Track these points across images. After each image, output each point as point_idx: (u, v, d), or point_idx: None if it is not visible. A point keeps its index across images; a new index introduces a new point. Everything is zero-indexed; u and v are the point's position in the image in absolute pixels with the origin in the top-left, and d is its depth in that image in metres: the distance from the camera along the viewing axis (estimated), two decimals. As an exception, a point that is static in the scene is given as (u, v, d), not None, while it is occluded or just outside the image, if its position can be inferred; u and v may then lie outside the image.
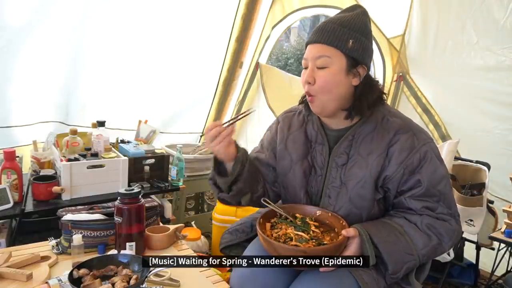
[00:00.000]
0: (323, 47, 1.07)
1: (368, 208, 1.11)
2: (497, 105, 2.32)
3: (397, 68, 2.93)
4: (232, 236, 1.32)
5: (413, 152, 1.07)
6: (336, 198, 1.13)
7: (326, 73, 1.07)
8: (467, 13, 2.36)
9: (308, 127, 1.23)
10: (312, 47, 1.10)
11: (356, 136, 1.13)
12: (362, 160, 1.10)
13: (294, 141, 1.23)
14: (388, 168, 1.08)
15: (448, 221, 1.09)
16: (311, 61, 1.09)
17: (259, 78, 3.27)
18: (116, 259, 1.02)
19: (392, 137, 1.09)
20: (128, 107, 2.72)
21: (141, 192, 1.23)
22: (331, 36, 1.06)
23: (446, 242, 1.08)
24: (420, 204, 1.08)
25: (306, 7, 3.03)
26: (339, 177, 1.13)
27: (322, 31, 1.08)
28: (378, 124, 1.12)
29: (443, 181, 1.09)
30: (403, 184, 1.09)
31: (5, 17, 2.02)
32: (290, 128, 1.27)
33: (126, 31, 2.46)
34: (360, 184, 1.09)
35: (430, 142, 1.11)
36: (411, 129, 1.11)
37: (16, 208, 1.68)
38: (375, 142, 1.10)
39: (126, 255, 1.03)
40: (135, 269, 1.00)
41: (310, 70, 1.09)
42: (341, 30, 1.07)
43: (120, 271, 0.99)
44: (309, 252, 0.98)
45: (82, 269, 0.97)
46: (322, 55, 1.07)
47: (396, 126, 1.11)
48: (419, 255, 1.05)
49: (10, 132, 2.29)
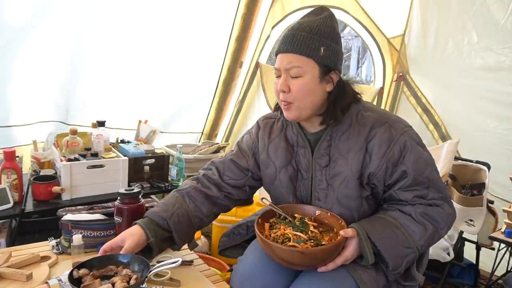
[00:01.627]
0: (294, 56, 1.05)
1: (357, 207, 1.10)
2: (498, 105, 2.32)
3: (397, 68, 2.93)
4: (229, 239, 1.32)
5: (393, 144, 1.06)
6: (325, 200, 1.13)
7: (300, 82, 1.06)
8: (468, 12, 2.36)
9: (288, 132, 1.22)
10: (283, 57, 1.08)
11: (334, 135, 1.13)
12: (342, 158, 1.10)
13: (276, 149, 1.22)
14: (370, 164, 1.08)
15: (440, 206, 1.09)
16: (284, 71, 1.07)
17: (259, 78, 3.27)
18: (116, 259, 1.02)
19: (369, 131, 1.08)
20: (128, 106, 2.72)
21: (141, 192, 1.23)
22: (302, 45, 1.04)
23: (442, 227, 1.08)
24: (411, 194, 1.08)
25: (306, 7, 3.03)
26: (324, 178, 1.13)
27: (292, 40, 1.06)
28: (353, 120, 1.11)
29: (428, 167, 1.08)
30: (389, 178, 1.08)
31: (5, 17, 2.02)
32: (270, 135, 1.25)
33: (126, 31, 2.46)
34: (344, 183, 1.09)
35: (408, 129, 1.10)
36: (387, 121, 1.09)
37: (16, 208, 1.68)
38: (352, 138, 1.10)
39: (126, 255, 1.03)
40: (135, 269, 1.00)
41: (284, 80, 1.07)
42: (311, 38, 1.05)
43: (120, 271, 0.99)
44: (306, 253, 0.98)
45: (82, 269, 0.97)
46: (294, 65, 1.05)
47: (371, 120, 1.10)
48: (417, 247, 1.05)
49: (10, 132, 2.29)
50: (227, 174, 1.27)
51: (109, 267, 1.00)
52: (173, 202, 1.19)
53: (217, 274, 1.29)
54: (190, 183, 1.27)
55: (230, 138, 3.53)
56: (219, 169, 1.28)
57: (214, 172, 1.28)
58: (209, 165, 1.32)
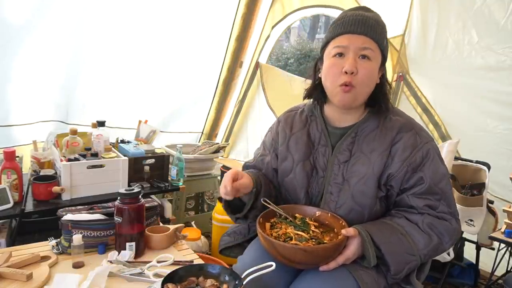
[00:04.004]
0: (367, 39, 1.06)
1: (370, 206, 1.10)
2: (498, 105, 2.32)
3: (397, 68, 2.93)
4: (230, 238, 1.32)
5: (416, 150, 1.08)
6: (338, 195, 1.13)
7: (369, 65, 1.06)
8: (468, 12, 2.36)
9: (312, 128, 1.23)
10: (354, 37, 1.06)
11: (359, 133, 1.14)
12: (364, 157, 1.11)
13: (297, 142, 1.22)
14: (391, 166, 1.09)
15: (448, 220, 1.09)
16: (353, 51, 1.06)
17: (259, 78, 3.28)
18: (204, 269, 1.01)
19: (395, 135, 1.10)
20: (128, 106, 2.72)
21: (141, 192, 1.22)
22: (373, 31, 1.07)
23: (447, 241, 1.08)
24: (422, 202, 1.08)
25: (306, 7, 3.03)
26: (341, 174, 1.13)
27: (364, 23, 1.07)
28: (381, 122, 1.13)
29: (444, 179, 1.10)
30: (406, 182, 1.09)
31: (5, 16, 2.02)
32: (292, 128, 1.26)
33: (126, 30, 2.46)
34: (363, 181, 1.09)
35: (432, 141, 1.12)
36: (414, 127, 1.12)
37: (16, 208, 1.68)
38: (378, 140, 1.11)
39: (215, 266, 1.02)
40: (223, 280, 0.99)
41: (353, 60, 1.05)
42: (379, 27, 1.08)
43: (202, 282, 0.97)
44: (308, 250, 0.98)
45: (170, 284, 0.94)
46: (368, 47, 1.06)
47: (399, 124, 1.12)
48: (420, 255, 1.05)
49: (10, 131, 2.29)
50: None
51: (190, 279, 0.99)
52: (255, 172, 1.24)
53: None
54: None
55: (230, 138, 3.53)
56: (256, 168, 1.34)
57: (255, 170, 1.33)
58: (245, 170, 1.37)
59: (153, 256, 1.18)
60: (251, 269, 0.99)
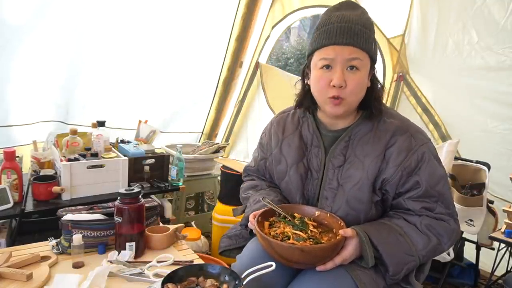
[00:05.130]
0: (354, 49, 1.02)
1: (365, 211, 1.10)
2: (498, 105, 2.32)
3: (397, 68, 2.93)
4: (231, 241, 1.31)
5: (411, 154, 1.06)
6: (333, 200, 1.12)
7: (357, 76, 1.04)
8: (468, 12, 2.36)
9: (304, 129, 1.22)
10: (340, 49, 1.03)
11: (353, 137, 1.13)
12: (359, 162, 1.10)
13: (289, 145, 1.22)
14: (386, 170, 1.08)
15: (447, 221, 1.09)
16: (341, 63, 1.03)
17: (259, 78, 3.27)
18: (204, 269, 1.01)
19: (389, 139, 1.09)
20: (128, 106, 2.72)
21: (141, 192, 1.23)
22: (360, 38, 1.03)
23: (445, 242, 1.08)
24: (419, 205, 1.08)
25: (306, 7, 3.03)
26: (336, 178, 1.12)
27: (350, 32, 1.02)
28: (375, 125, 1.12)
29: (441, 181, 1.09)
30: (401, 186, 1.08)
31: (5, 16, 2.02)
32: (284, 131, 1.25)
33: (126, 30, 2.46)
34: (357, 186, 1.08)
35: (428, 142, 1.10)
36: (408, 130, 1.10)
37: (16, 208, 1.68)
38: (372, 144, 1.10)
39: (215, 266, 1.02)
40: (222, 280, 0.98)
41: (341, 72, 1.02)
42: (366, 33, 1.04)
43: (202, 282, 0.97)
44: (306, 250, 0.98)
45: (170, 284, 0.94)
46: (356, 57, 1.03)
47: (393, 127, 1.10)
48: (419, 256, 1.05)
49: (10, 132, 2.29)
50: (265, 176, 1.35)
51: (190, 279, 0.98)
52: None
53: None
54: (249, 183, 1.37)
55: (230, 138, 3.53)
56: (260, 173, 1.36)
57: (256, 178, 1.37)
58: (246, 176, 1.40)
59: (153, 256, 1.19)
60: (251, 269, 0.99)
